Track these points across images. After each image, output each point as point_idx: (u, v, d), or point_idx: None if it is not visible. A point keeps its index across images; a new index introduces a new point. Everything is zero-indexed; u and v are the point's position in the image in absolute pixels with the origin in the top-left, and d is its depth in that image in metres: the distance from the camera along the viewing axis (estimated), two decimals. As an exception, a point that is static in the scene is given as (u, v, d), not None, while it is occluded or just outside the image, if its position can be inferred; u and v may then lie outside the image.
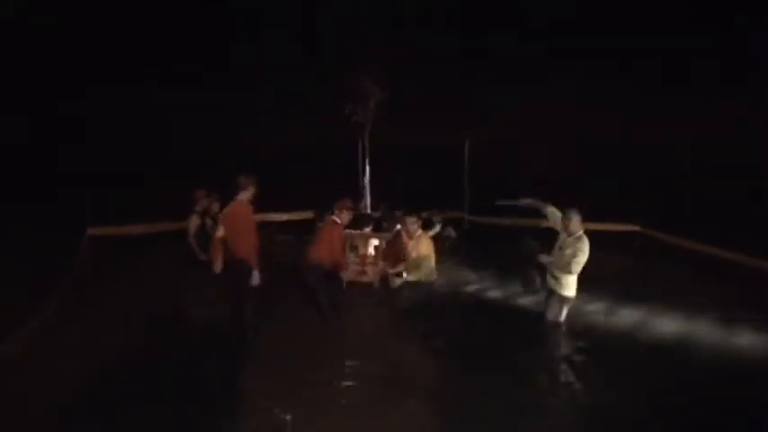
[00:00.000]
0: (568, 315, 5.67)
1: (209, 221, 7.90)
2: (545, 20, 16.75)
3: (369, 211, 7.74)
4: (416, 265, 6.18)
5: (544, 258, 5.68)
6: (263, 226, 8.98)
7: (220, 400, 4.23)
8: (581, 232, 5.39)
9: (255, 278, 5.37)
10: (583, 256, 5.32)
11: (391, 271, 6.71)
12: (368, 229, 7.40)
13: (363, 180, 7.74)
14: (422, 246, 6.18)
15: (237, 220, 5.40)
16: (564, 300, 5.59)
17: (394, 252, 7.06)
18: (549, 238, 5.83)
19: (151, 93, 16.47)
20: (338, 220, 6.12)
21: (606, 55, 17.01)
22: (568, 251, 5.37)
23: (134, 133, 16.63)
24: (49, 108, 15.45)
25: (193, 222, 7.71)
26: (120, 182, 12.55)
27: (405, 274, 6.40)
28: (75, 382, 4.46)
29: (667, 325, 5.84)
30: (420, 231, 6.34)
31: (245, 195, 5.43)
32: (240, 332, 5.47)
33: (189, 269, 7.59)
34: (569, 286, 5.53)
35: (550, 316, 5.69)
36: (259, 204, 5.64)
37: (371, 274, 7.06)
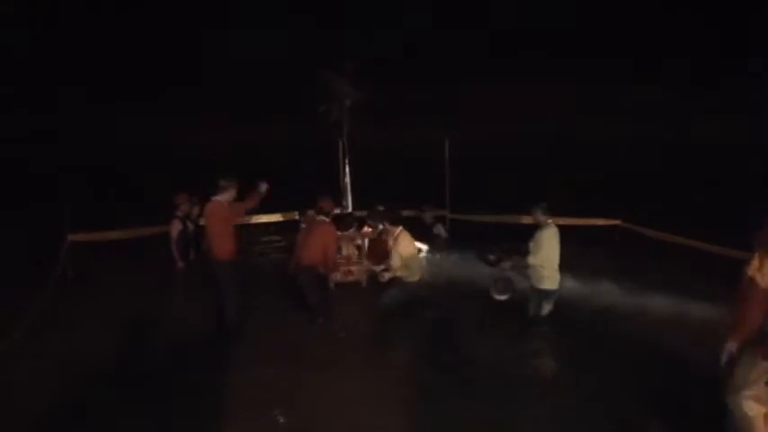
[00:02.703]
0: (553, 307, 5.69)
1: (190, 225, 7.86)
2: (530, 19, 16.91)
3: (350, 210, 7.69)
4: (400, 260, 6.11)
5: (504, 264, 5.78)
6: (247, 227, 8.97)
7: (208, 401, 4.18)
8: (545, 222, 5.53)
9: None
10: (537, 245, 5.45)
11: (377, 268, 6.64)
12: (352, 230, 7.36)
13: (344, 180, 7.69)
14: (403, 243, 6.14)
15: (215, 220, 5.38)
16: (541, 293, 5.62)
17: (378, 250, 7.00)
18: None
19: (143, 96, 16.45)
20: (327, 219, 6.10)
21: (594, 55, 17.22)
22: (530, 243, 5.53)
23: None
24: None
25: (175, 228, 7.68)
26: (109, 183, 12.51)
27: (392, 271, 6.32)
28: (62, 387, 4.41)
29: (651, 316, 5.86)
30: (400, 229, 6.31)
31: (225, 197, 5.43)
32: (226, 334, 5.43)
33: (173, 273, 7.55)
34: (542, 279, 5.55)
35: (532, 311, 5.72)
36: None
37: (358, 274, 7.01)
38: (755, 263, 2.87)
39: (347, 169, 7.62)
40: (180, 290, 7.26)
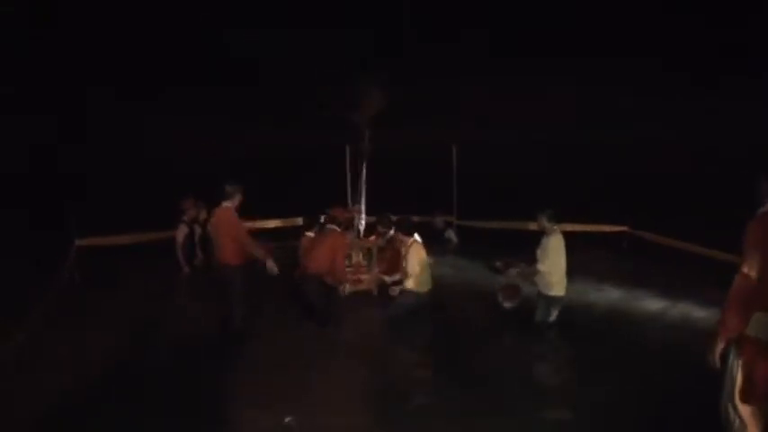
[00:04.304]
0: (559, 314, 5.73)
1: (197, 229, 7.90)
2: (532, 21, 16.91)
3: (363, 215, 7.67)
4: (411, 272, 6.14)
5: (512, 271, 5.83)
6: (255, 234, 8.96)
7: (210, 407, 4.24)
8: (552, 229, 5.59)
9: (271, 267, 5.47)
10: (545, 252, 5.50)
11: (387, 279, 6.58)
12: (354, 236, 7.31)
13: (359, 185, 7.67)
14: (415, 253, 6.16)
15: (223, 227, 5.44)
16: (549, 300, 5.66)
17: (388, 258, 6.98)
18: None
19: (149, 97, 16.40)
20: (337, 228, 6.11)
21: (593, 55, 17.21)
22: (538, 250, 5.57)
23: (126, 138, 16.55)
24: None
25: (181, 232, 7.74)
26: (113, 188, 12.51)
27: (403, 282, 6.28)
28: (64, 392, 4.45)
29: (659, 323, 5.91)
30: (413, 239, 6.31)
31: (231, 203, 5.47)
32: (230, 339, 5.50)
33: (178, 278, 7.58)
34: (551, 285, 5.61)
35: (539, 317, 5.76)
36: (251, 210, 5.69)
37: (368, 282, 6.95)
38: (748, 259, 2.92)
39: (364, 174, 7.58)
40: (185, 293, 7.33)
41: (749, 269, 2.91)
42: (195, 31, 16.21)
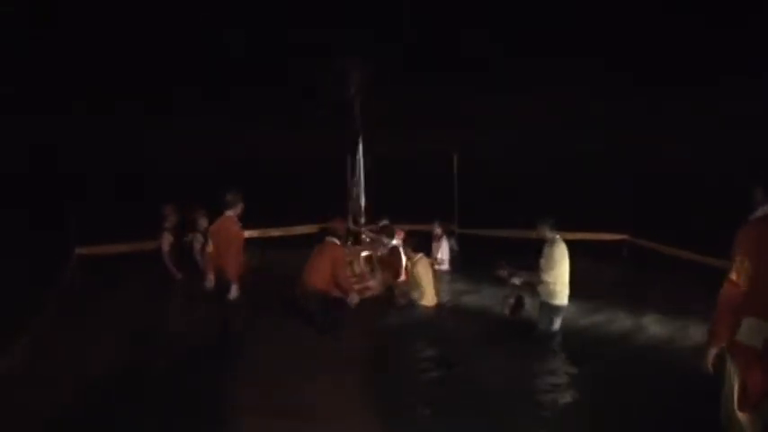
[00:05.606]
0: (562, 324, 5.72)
1: (198, 236, 7.83)
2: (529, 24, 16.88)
3: (363, 221, 7.65)
4: (414, 286, 6.17)
5: (515, 280, 5.81)
6: (258, 242, 8.93)
7: (210, 407, 4.23)
8: (554, 237, 5.55)
9: (233, 291, 5.40)
10: (550, 261, 5.45)
11: (395, 286, 6.60)
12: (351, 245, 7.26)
13: (358, 191, 7.62)
14: (419, 268, 6.17)
15: (225, 236, 5.44)
16: (552, 309, 5.64)
17: (389, 267, 6.97)
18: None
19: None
20: (337, 241, 6.06)
21: (593, 55, 17.19)
22: (541, 259, 5.53)
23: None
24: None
25: (165, 240, 7.57)
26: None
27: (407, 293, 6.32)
28: (64, 393, 4.44)
29: (658, 332, 5.89)
30: (421, 255, 6.32)
31: (234, 212, 5.47)
32: (230, 339, 5.51)
33: (175, 286, 7.53)
34: (554, 294, 5.58)
35: (542, 326, 5.73)
36: (255, 219, 5.67)
37: (375, 288, 6.85)
38: (737, 265, 2.92)
39: (362, 179, 7.54)
40: (184, 294, 7.31)
41: (737, 276, 2.90)
42: (195, 32, 16.21)
